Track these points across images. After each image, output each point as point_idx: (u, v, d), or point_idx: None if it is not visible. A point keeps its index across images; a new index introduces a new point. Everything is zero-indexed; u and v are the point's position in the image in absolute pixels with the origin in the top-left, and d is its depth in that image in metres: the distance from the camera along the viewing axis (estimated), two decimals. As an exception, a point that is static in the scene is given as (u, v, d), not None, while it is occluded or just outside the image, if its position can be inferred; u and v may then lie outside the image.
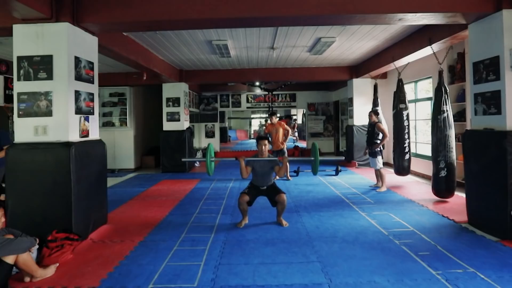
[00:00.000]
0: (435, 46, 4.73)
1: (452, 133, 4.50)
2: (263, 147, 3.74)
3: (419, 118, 7.18)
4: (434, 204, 4.53)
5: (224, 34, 5.15)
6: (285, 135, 6.58)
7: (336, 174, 7.01)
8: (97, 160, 3.73)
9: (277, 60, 7.22)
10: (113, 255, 2.99)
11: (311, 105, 11.67)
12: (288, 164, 3.83)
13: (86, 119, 3.62)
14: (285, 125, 6.70)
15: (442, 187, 4.52)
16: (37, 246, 2.85)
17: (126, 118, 8.35)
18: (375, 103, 6.96)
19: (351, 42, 5.77)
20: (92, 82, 3.75)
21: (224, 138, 16.02)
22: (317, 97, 11.58)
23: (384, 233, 3.43)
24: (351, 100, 8.33)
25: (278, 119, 6.75)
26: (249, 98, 11.71)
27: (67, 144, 3.23)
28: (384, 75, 8.02)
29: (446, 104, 4.49)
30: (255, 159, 3.76)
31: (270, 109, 11.24)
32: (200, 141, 11.53)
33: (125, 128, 8.37)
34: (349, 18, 3.61)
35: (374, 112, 5.69)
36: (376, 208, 4.40)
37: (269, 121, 6.89)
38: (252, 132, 23.11)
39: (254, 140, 19.07)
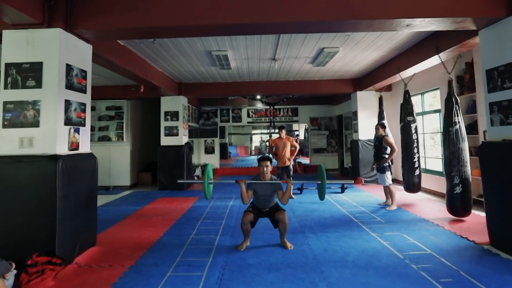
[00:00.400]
0: (443, 55, 4.57)
1: (465, 146, 4.25)
2: (265, 168, 3.46)
3: (426, 131, 6.93)
4: (450, 223, 4.21)
5: (224, 44, 5.00)
6: (292, 151, 6.35)
7: (342, 191, 6.69)
8: (87, 176, 3.48)
9: (278, 73, 7.07)
10: (100, 282, 2.69)
11: (313, 120, 11.43)
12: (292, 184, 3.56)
13: (77, 130, 3.39)
14: (294, 142, 6.48)
15: (458, 205, 4.22)
16: (14, 272, 2.60)
17: (122, 133, 8.08)
18: (380, 116, 6.74)
19: (355, 53, 5.61)
20: (85, 92, 3.54)
21: (224, 154, 15.73)
22: (319, 111, 11.34)
23: (399, 257, 3.11)
24: (355, 113, 8.11)
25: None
26: (250, 113, 11.49)
27: (54, 157, 3.00)
28: (388, 88, 7.85)
29: (457, 115, 4.27)
30: (256, 182, 3.49)
31: (272, 123, 11.02)
32: (199, 157, 11.23)
33: (122, 143, 8.08)
34: (354, 24, 3.43)
35: (381, 125, 5.45)
36: (387, 228, 4.09)
37: (273, 137, 6.68)
38: (253, 148, 22.85)
39: (255, 157, 18.85)
